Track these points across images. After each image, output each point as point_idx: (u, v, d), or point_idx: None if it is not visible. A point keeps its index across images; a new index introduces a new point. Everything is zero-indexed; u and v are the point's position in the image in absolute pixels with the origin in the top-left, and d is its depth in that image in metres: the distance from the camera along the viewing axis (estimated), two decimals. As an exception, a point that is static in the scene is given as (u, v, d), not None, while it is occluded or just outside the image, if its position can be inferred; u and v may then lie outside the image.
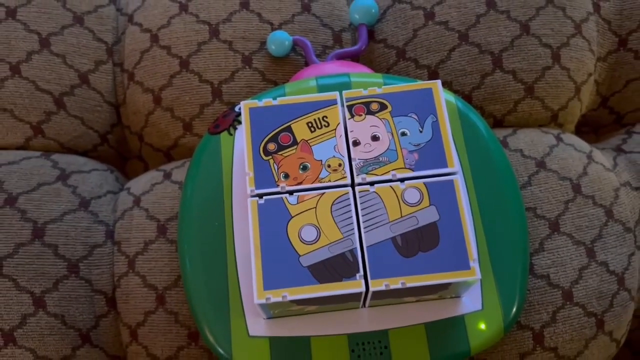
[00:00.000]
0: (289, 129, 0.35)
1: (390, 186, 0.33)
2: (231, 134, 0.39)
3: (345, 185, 0.34)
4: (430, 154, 0.34)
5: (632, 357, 0.47)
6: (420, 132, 0.35)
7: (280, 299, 0.31)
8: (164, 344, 0.40)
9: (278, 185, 0.34)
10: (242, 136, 0.39)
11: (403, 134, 0.35)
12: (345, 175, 0.34)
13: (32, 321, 0.39)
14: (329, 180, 0.34)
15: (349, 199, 0.33)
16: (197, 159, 0.39)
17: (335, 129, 0.35)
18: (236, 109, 0.40)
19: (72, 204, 0.42)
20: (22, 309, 0.39)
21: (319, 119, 0.35)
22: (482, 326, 0.35)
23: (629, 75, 0.48)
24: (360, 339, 0.35)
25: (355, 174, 0.34)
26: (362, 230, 0.32)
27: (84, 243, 0.41)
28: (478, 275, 0.31)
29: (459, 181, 0.33)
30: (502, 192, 0.38)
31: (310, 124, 0.35)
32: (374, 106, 0.35)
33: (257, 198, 0.33)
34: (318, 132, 0.35)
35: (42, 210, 0.41)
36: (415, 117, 0.35)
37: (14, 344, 0.39)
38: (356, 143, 0.34)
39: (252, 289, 0.35)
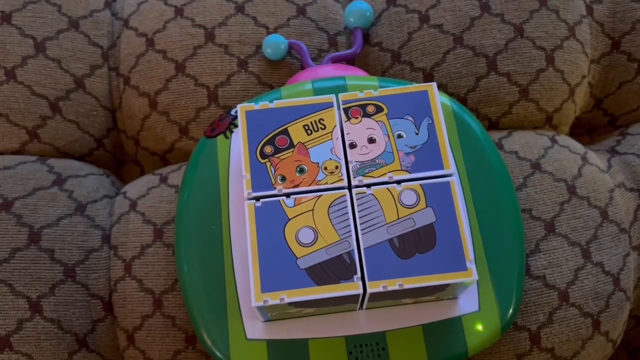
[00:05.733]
0: (285, 132, 0.35)
1: (387, 188, 0.33)
2: (227, 138, 0.39)
3: (342, 188, 0.34)
4: (427, 156, 0.34)
5: (628, 358, 0.47)
6: (417, 134, 0.35)
7: (278, 302, 0.31)
8: (161, 348, 0.40)
9: (275, 188, 0.34)
10: (239, 139, 0.39)
11: (399, 136, 0.35)
12: (342, 178, 0.34)
13: (29, 326, 0.39)
14: (326, 183, 0.34)
15: (346, 201, 0.33)
16: (193, 162, 0.39)
17: (331, 132, 0.35)
18: (232, 112, 0.40)
19: (68, 208, 0.42)
20: (18, 314, 0.39)
21: (315, 121, 0.35)
22: (479, 327, 0.35)
23: (622, 77, 0.49)
24: (358, 341, 0.35)
25: (352, 176, 0.34)
26: (359, 232, 0.32)
27: (80, 247, 0.41)
28: (475, 276, 0.31)
29: (455, 183, 0.34)
30: (497, 193, 0.38)
31: (306, 127, 0.35)
32: (370, 109, 0.36)
33: (254, 201, 0.33)
34: (315, 134, 0.35)
35: (38, 215, 0.41)
36: (411, 120, 0.35)
37: (10, 349, 0.39)
38: (353, 145, 0.35)
39: (250, 291, 0.35)
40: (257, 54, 0.46)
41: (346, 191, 0.33)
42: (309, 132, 0.35)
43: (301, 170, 0.34)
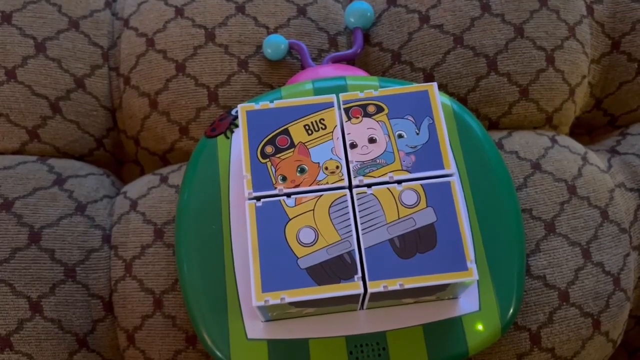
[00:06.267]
0: (286, 132, 0.35)
1: (388, 188, 0.33)
2: (228, 137, 0.39)
3: (342, 188, 0.34)
4: (427, 155, 0.34)
5: (628, 358, 0.47)
6: (417, 134, 0.35)
7: (278, 301, 0.31)
8: (162, 348, 0.40)
9: (276, 188, 0.34)
10: (239, 139, 0.39)
11: (400, 136, 0.35)
12: (342, 178, 0.34)
13: (29, 326, 0.39)
14: (327, 183, 0.34)
15: (346, 201, 0.33)
16: (194, 162, 0.39)
17: (332, 132, 0.35)
18: (233, 112, 0.40)
19: (68, 208, 0.42)
20: (18, 313, 0.39)
21: (316, 121, 0.35)
22: (480, 327, 0.35)
23: (622, 78, 0.49)
24: (358, 341, 0.35)
25: (352, 176, 0.34)
26: (360, 232, 0.32)
27: (81, 247, 0.41)
28: (475, 276, 0.31)
29: (456, 183, 0.34)
30: (498, 193, 0.38)
31: (307, 127, 0.35)
32: (371, 109, 0.36)
33: (254, 201, 0.33)
34: (315, 134, 0.35)
35: (39, 215, 0.41)
36: (412, 120, 0.35)
37: (10, 349, 0.39)
38: (353, 145, 0.35)
39: (251, 291, 0.35)
40: (257, 54, 0.46)
41: (347, 191, 0.33)
42: (309, 132, 0.35)
43: (302, 170, 0.34)
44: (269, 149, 0.35)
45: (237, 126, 0.39)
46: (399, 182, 0.34)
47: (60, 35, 0.47)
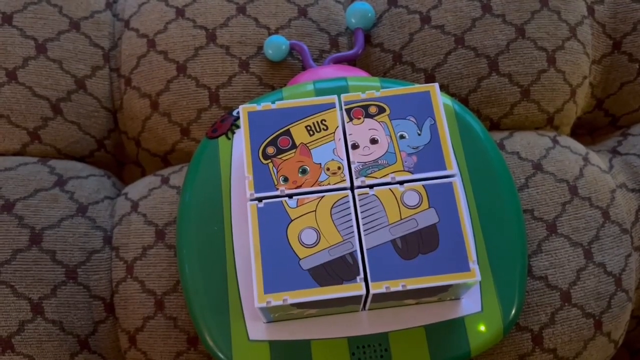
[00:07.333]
0: (287, 133, 0.35)
1: (390, 189, 0.33)
2: (229, 138, 0.39)
3: (344, 189, 0.34)
4: (429, 156, 0.34)
5: (630, 358, 0.47)
6: (419, 134, 0.35)
7: (281, 303, 0.31)
8: (163, 349, 0.40)
9: (277, 189, 0.34)
10: (241, 140, 0.39)
11: (401, 136, 0.35)
12: (344, 179, 0.34)
13: (30, 327, 0.39)
14: (329, 184, 0.34)
15: (348, 202, 0.33)
16: (195, 163, 0.39)
17: (334, 133, 0.35)
18: (234, 113, 0.40)
19: (69, 209, 0.42)
20: (20, 315, 0.39)
21: (317, 122, 0.35)
22: (482, 328, 0.35)
23: (624, 78, 0.49)
24: (360, 342, 0.35)
25: (354, 177, 0.34)
26: (362, 233, 0.32)
27: (82, 249, 0.41)
28: (478, 277, 0.31)
29: (458, 183, 0.34)
30: (499, 194, 0.38)
31: (309, 128, 0.35)
32: (373, 109, 0.36)
33: (256, 202, 0.33)
34: (317, 135, 0.35)
35: (40, 216, 0.41)
36: (414, 120, 0.35)
37: (11, 351, 0.39)
38: (355, 146, 0.35)
39: (252, 292, 0.35)
40: (258, 55, 0.46)
41: (349, 192, 0.33)
42: (311, 133, 0.35)
43: (303, 171, 0.34)
44: (271, 150, 0.35)
45: (238, 127, 0.39)
46: (401, 182, 0.34)
47: (61, 36, 0.47)
